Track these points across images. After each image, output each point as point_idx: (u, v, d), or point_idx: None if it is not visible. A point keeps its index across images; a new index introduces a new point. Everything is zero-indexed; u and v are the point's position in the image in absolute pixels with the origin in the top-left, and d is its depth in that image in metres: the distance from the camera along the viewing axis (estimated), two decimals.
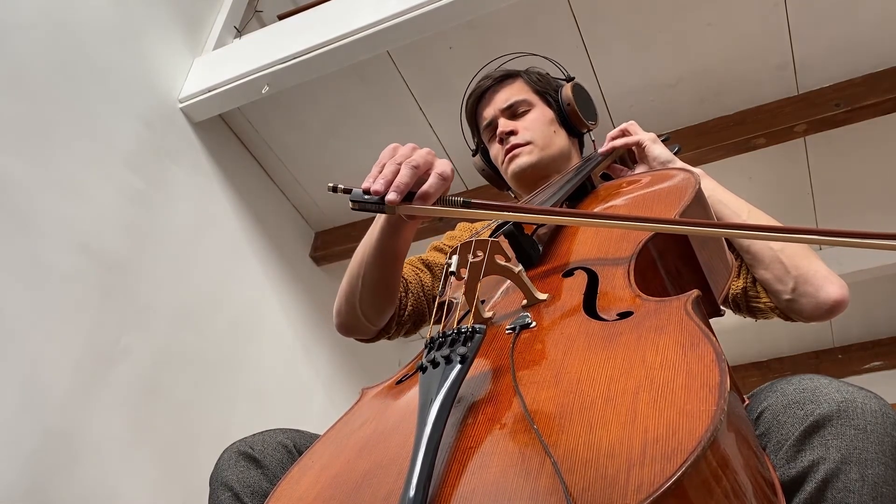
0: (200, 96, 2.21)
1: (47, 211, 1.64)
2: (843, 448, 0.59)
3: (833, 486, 0.58)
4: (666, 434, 0.46)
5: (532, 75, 1.34)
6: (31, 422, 1.45)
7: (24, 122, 1.66)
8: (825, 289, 0.99)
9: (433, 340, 0.65)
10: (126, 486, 1.60)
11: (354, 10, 2.08)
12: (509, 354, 0.66)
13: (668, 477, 0.43)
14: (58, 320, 1.58)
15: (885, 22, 1.99)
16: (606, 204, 1.03)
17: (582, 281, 0.77)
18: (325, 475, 0.65)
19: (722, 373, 0.50)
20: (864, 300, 2.97)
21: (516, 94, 1.30)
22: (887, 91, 2.04)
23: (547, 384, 0.59)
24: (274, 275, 2.42)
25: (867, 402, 0.61)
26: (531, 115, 1.28)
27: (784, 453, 0.62)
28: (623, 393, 0.53)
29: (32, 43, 1.76)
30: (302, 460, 0.71)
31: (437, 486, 0.51)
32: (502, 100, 1.30)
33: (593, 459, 0.47)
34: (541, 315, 0.74)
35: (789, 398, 0.64)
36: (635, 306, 0.67)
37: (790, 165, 2.39)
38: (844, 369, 3.12)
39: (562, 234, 0.96)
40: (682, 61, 2.13)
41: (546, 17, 2.10)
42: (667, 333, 0.58)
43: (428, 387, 0.59)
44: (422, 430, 0.53)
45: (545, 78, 1.35)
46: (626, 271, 0.76)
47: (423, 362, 0.62)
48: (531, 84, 1.32)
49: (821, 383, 0.64)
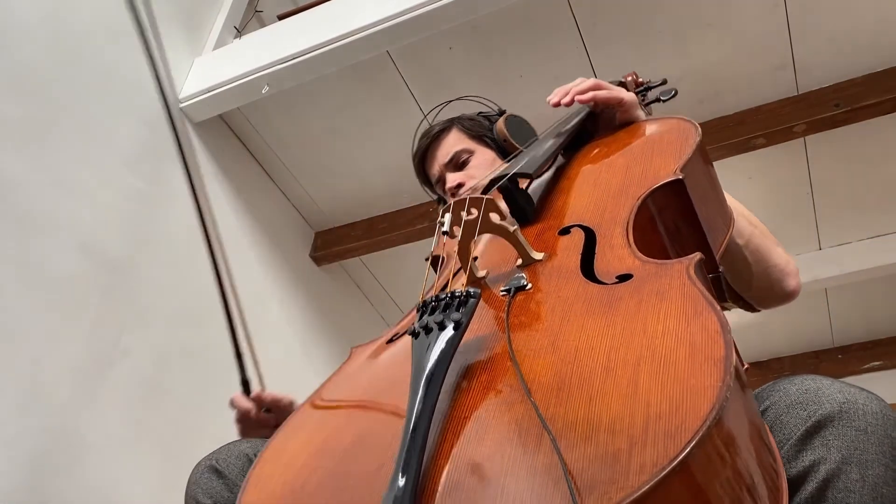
0: (200, 96, 2.21)
1: (47, 211, 1.64)
2: (843, 448, 0.59)
3: (834, 486, 0.59)
4: (669, 410, 0.45)
5: (464, 122, 1.38)
6: (31, 422, 1.45)
7: (24, 122, 1.66)
8: (786, 281, 1.03)
9: (426, 304, 0.62)
10: (126, 486, 1.60)
11: (354, 10, 2.08)
12: (504, 318, 0.63)
13: (672, 458, 0.41)
14: (58, 320, 1.57)
15: (885, 22, 1.99)
16: (602, 157, 0.98)
17: (579, 240, 0.75)
18: (313, 442, 0.62)
19: (727, 345, 0.48)
20: (864, 300, 2.97)
21: (455, 145, 1.34)
22: (887, 91, 2.03)
23: (544, 352, 0.56)
24: (274, 275, 2.42)
25: (868, 404, 0.61)
26: (473, 161, 1.31)
27: (785, 453, 0.62)
28: (624, 364, 0.50)
29: (32, 43, 1.75)
30: (289, 421, 0.68)
31: (430, 458, 0.50)
32: (443, 154, 1.34)
33: (593, 435, 0.45)
34: (537, 276, 0.70)
35: (792, 398, 0.65)
36: (635, 268, 0.64)
37: (790, 165, 2.39)
38: (844, 369, 3.12)
39: (557, 188, 0.92)
40: (682, 61, 2.13)
41: (546, 17, 2.10)
42: (668, 300, 0.56)
43: (420, 354, 0.56)
44: (414, 401, 0.51)
45: (477, 121, 1.38)
46: (625, 230, 0.73)
47: (416, 327, 0.59)
48: (466, 131, 1.35)
49: (823, 384, 0.64)
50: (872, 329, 3.13)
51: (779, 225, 2.63)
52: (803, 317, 3.06)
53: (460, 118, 1.40)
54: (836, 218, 2.57)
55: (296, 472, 0.59)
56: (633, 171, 0.86)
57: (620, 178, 0.86)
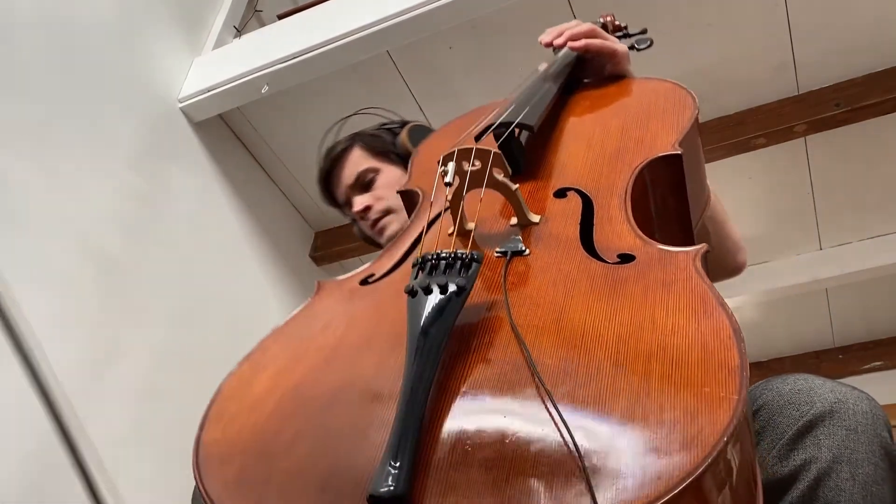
0: (200, 96, 2.20)
1: (47, 210, 1.64)
2: (834, 448, 0.60)
3: (825, 484, 0.60)
4: (684, 418, 0.43)
5: (365, 139, 1.30)
6: (30, 422, 1.45)
7: (24, 122, 1.66)
8: (739, 255, 1.04)
9: (424, 261, 0.58)
10: (126, 486, 1.60)
11: (354, 10, 2.07)
12: (502, 285, 0.59)
13: (690, 472, 0.40)
14: (57, 320, 1.57)
15: (885, 22, 1.99)
16: (594, 112, 0.93)
17: (576, 206, 0.71)
18: (283, 383, 0.58)
19: (741, 354, 0.47)
20: (864, 300, 2.97)
21: (358, 165, 1.27)
22: (887, 91, 2.03)
23: (547, 331, 0.54)
24: (274, 275, 2.42)
25: (858, 404, 0.63)
26: (380, 180, 1.25)
27: (778, 451, 0.63)
28: (634, 359, 0.49)
29: (33, 43, 1.75)
30: (253, 356, 0.63)
31: (427, 426, 0.46)
32: (348, 176, 1.28)
33: (605, 435, 0.44)
34: (533, 241, 0.67)
35: (785, 398, 0.66)
36: (636, 248, 0.62)
37: (790, 165, 2.39)
38: (844, 369, 3.12)
39: (547, 140, 0.87)
40: (682, 61, 2.13)
41: (547, 18, 2.09)
42: (675, 292, 0.54)
43: (418, 317, 0.52)
44: (411, 371, 0.48)
45: (379, 136, 1.31)
46: (623, 201, 0.70)
47: (414, 286, 0.55)
48: (368, 149, 1.28)
49: (815, 384, 0.65)
50: (873, 329, 3.13)
51: (779, 225, 2.64)
52: (804, 317, 3.05)
53: (361, 135, 1.32)
54: (836, 218, 2.57)
55: (266, 417, 0.54)
56: (630, 135, 0.83)
57: (615, 142, 0.82)
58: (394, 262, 0.75)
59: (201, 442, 0.57)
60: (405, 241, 0.79)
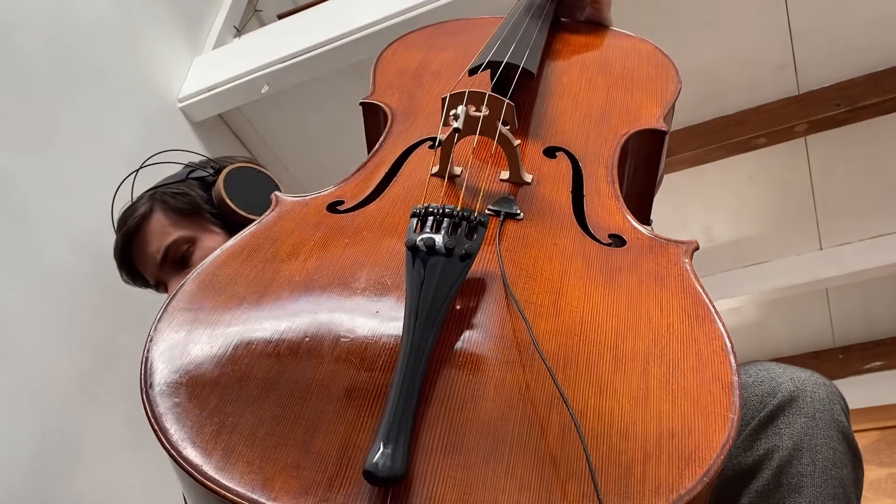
0: (200, 96, 2.20)
1: (46, 210, 1.64)
2: (794, 436, 0.63)
3: (787, 472, 0.63)
4: (682, 430, 0.44)
5: (167, 198, 1.01)
6: (30, 422, 1.45)
7: (24, 121, 1.66)
8: None
9: (427, 212, 0.54)
10: (126, 486, 1.59)
11: (354, 10, 2.07)
12: (496, 249, 0.57)
13: (689, 489, 0.41)
14: (57, 320, 1.57)
15: (885, 22, 1.99)
16: (576, 63, 0.89)
17: (567, 171, 0.70)
18: (249, 316, 0.52)
19: (734, 373, 0.48)
20: (864, 300, 2.97)
21: (164, 236, 1.00)
22: (887, 91, 2.03)
23: (546, 313, 0.52)
24: None
25: (816, 391, 0.65)
26: (198, 252, 0.98)
27: (741, 442, 0.66)
28: (632, 357, 0.49)
29: (32, 43, 1.75)
30: (204, 272, 0.56)
31: (424, 402, 0.44)
32: (153, 253, 1.01)
33: (605, 434, 0.43)
34: (526, 204, 0.64)
35: (747, 390, 0.68)
36: (626, 231, 0.62)
37: (790, 165, 2.39)
38: (845, 369, 3.11)
39: (539, 88, 0.83)
40: (682, 61, 2.12)
41: None
42: (669, 290, 0.55)
43: (421, 278, 0.48)
44: (412, 338, 0.45)
45: (185, 193, 1.02)
46: (609, 172, 0.70)
47: (416, 240, 0.51)
48: (174, 211, 1.00)
49: (775, 373, 0.68)
50: (873, 329, 3.13)
51: (779, 225, 2.64)
52: (804, 317, 3.05)
53: (162, 192, 1.02)
54: (836, 218, 2.57)
55: (225, 363, 0.50)
56: (615, 99, 0.81)
57: (601, 103, 0.81)
58: (369, 191, 0.69)
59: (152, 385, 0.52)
60: (378, 169, 0.74)
